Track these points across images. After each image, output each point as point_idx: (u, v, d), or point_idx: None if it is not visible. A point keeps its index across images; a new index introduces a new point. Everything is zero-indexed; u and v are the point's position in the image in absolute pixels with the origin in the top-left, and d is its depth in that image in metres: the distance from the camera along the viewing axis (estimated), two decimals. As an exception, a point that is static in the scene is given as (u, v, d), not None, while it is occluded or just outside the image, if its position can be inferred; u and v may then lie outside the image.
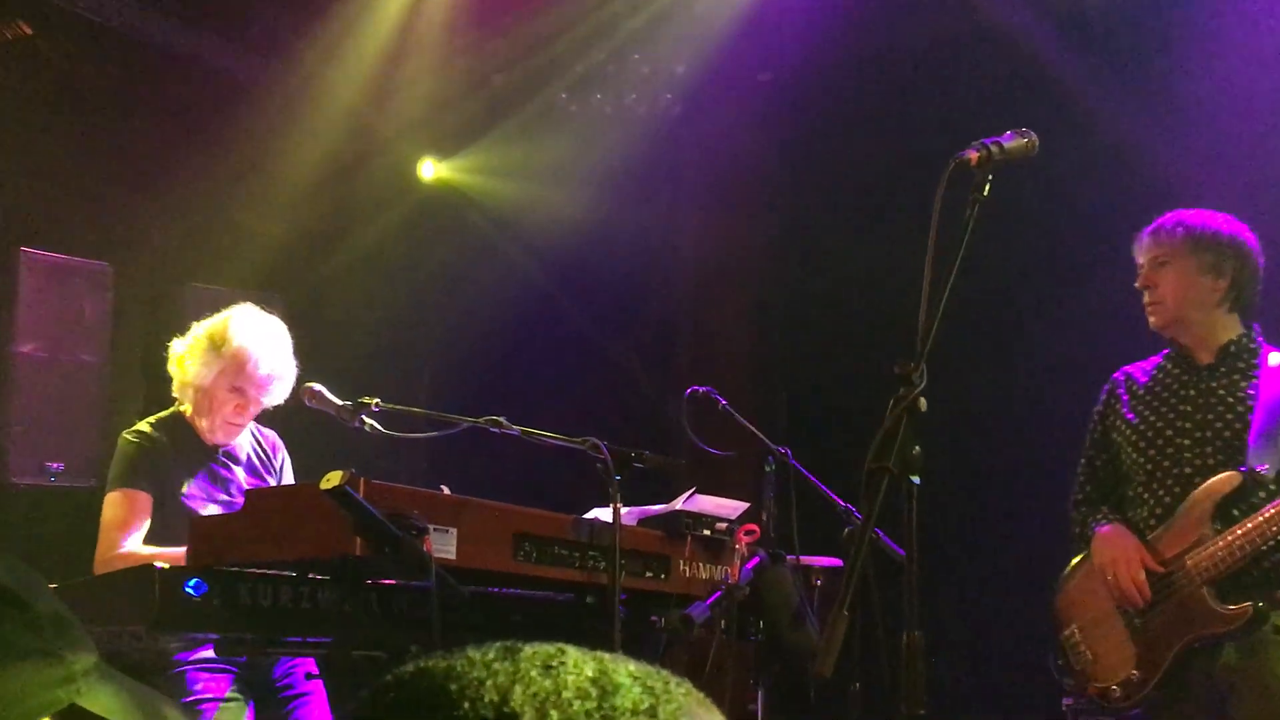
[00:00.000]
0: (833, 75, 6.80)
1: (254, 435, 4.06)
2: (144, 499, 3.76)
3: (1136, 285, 3.75)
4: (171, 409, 3.96)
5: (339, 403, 3.74)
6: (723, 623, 3.55)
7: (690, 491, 3.79)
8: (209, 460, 3.90)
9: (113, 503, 3.79)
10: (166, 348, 4.03)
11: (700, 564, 3.72)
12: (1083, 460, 3.90)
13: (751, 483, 4.25)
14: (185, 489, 3.80)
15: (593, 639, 0.84)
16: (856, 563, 2.18)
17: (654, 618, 3.67)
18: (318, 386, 3.85)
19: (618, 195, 7.14)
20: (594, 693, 0.75)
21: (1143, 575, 3.55)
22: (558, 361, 7.30)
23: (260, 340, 3.88)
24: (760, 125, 7.24)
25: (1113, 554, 3.61)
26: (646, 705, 0.75)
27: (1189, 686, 3.51)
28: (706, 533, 3.74)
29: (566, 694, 0.74)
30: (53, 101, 6.27)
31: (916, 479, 2.29)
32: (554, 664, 0.77)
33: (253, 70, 6.71)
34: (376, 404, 3.68)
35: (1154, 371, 3.81)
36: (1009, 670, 5.88)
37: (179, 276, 6.29)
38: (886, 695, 2.93)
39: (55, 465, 5.90)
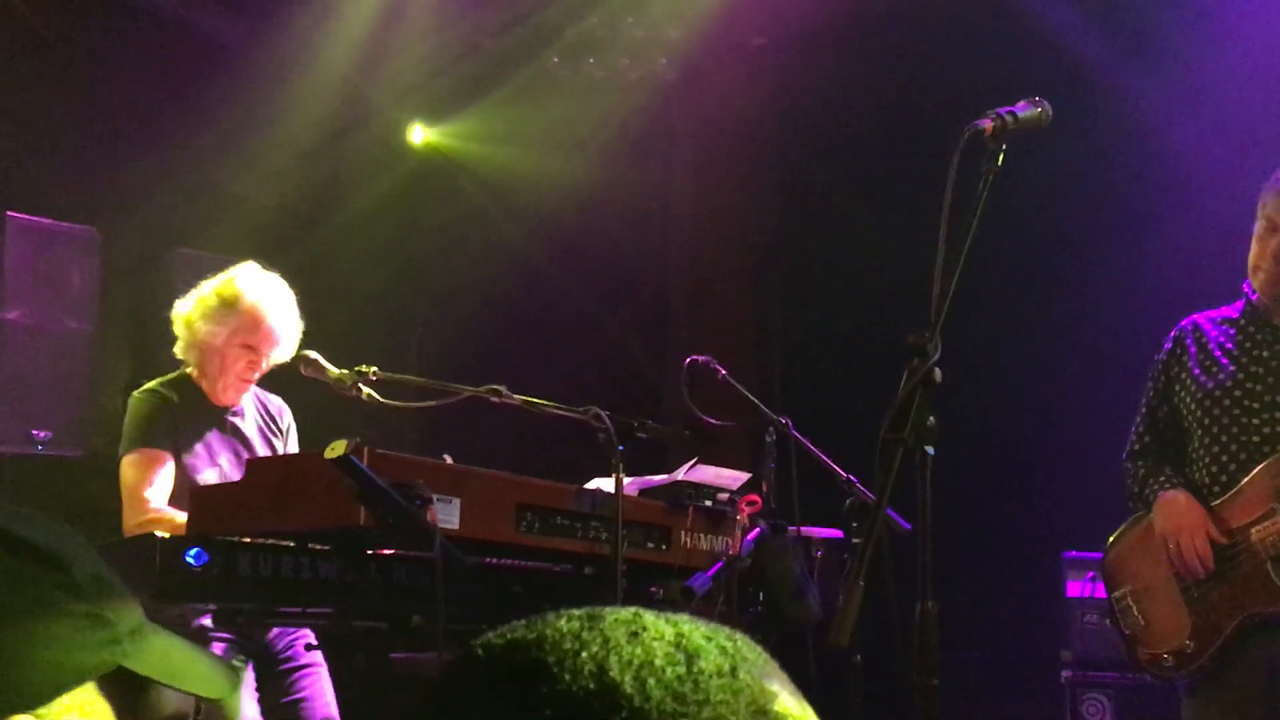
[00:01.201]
0: (829, 40, 6.75)
1: (259, 399, 4.03)
2: (164, 457, 3.72)
3: (1270, 249, 3.49)
4: (177, 372, 3.92)
5: (336, 371, 3.71)
6: (723, 594, 3.55)
7: (693, 462, 3.77)
8: (217, 423, 3.87)
9: (132, 464, 3.74)
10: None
11: (701, 535, 3.70)
12: (1143, 409, 3.75)
13: (751, 453, 4.23)
14: (195, 451, 3.77)
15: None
16: (872, 533, 2.16)
17: (654, 589, 3.66)
18: (314, 355, 3.81)
19: (612, 162, 7.10)
20: (680, 658, 0.76)
21: (1208, 547, 3.43)
22: (551, 331, 7.27)
23: (271, 297, 3.88)
24: (756, 91, 7.20)
25: (1177, 523, 3.48)
26: (728, 667, 0.77)
27: (1244, 660, 3.42)
28: (708, 503, 3.72)
29: (658, 661, 0.75)
30: (39, 65, 6.19)
31: (931, 450, 2.27)
32: (637, 630, 0.77)
33: (242, 34, 6.63)
34: (374, 373, 3.64)
35: (1225, 326, 3.64)
36: (1009, 642, 5.93)
37: (167, 242, 6.23)
38: (889, 666, 2.93)
39: (42, 434, 5.85)
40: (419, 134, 7.36)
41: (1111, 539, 3.76)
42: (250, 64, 6.52)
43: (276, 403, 4.11)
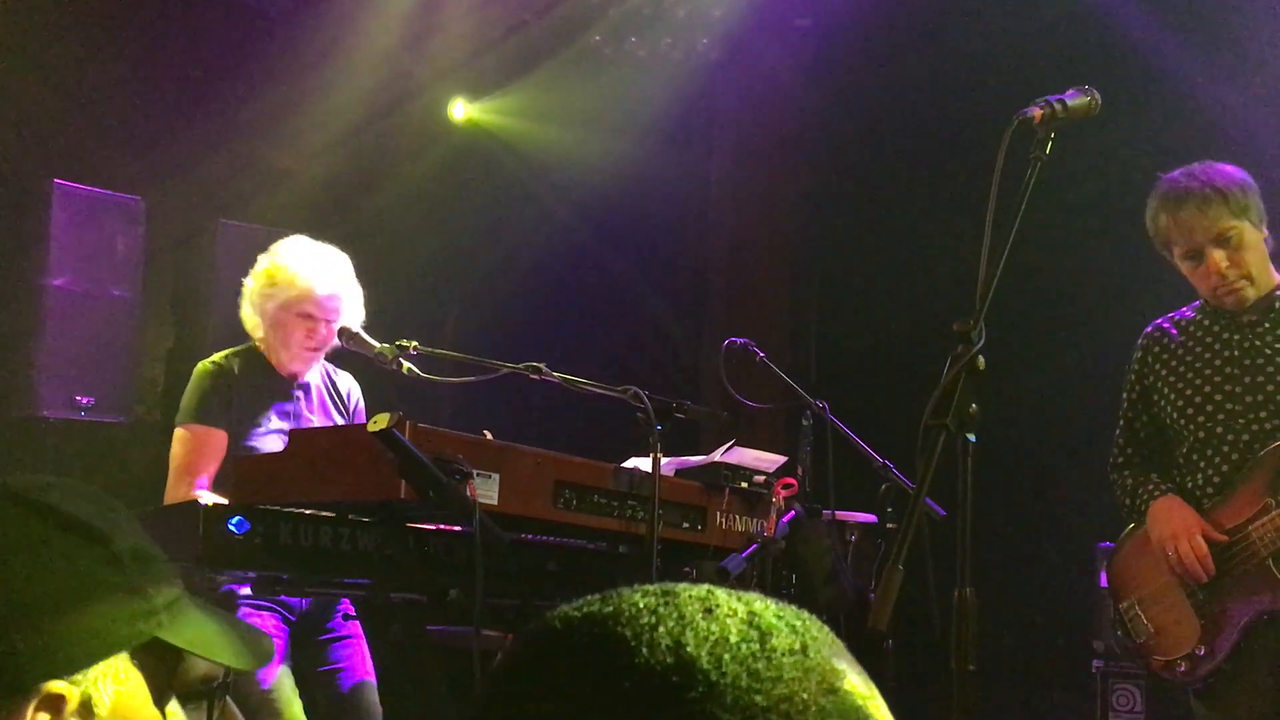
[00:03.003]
0: (874, 23, 6.71)
1: (327, 374, 4.05)
2: (217, 436, 3.74)
3: (1216, 271, 3.44)
4: (246, 344, 3.95)
5: (377, 345, 3.73)
6: (757, 576, 3.56)
7: (730, 443, 3.78)
8: (281, 394, 3.89)
9: (182, 440, 3.77)
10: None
11: (737, 516, 3.72)
12: (1121, 421, 3.74)
13: (787, 436, 4.24)
14: (255, 421, 3.79)
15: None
16: (912, 519, 2.16)
17: (688, 568, 3.68)
18: (355, 328, 3.85)
19: (653, 142, 7.09)
20: (754, 635, 0.77)
21: (1205, 549, 3.41)
22: (590, 309, 7.29)
23: (316, 264, 3.87)
24: (799, 72, 7.17)
25: (1172, 529, 3.46)
26: (799, 645, 0.78)
27: (1256, 658, 3.40)
28: (744, 485, 3.73)
29: (733, 638, 0.77)
30: (87, 35, 6.24)
31: (973, 437, 2.27)
32: (711, 606, 0.79)
33: (289, 9, 6.67)
34: (415, 347, 3.66)
35: (1188, 327, 3.61)
36: (1042, 631, 5.92)
37: (212, 213, 6.28)
38: (921, 651, 2.94)
39: (85, 400, 5.92)
40: (460, 110, 7.37)
41: (1112, 552, 3.75)
42: (296, 39, 6.56)
43: (346, 379, 4.11)
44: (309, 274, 3.84)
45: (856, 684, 0.79)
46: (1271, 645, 3.40)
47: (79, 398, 5.89)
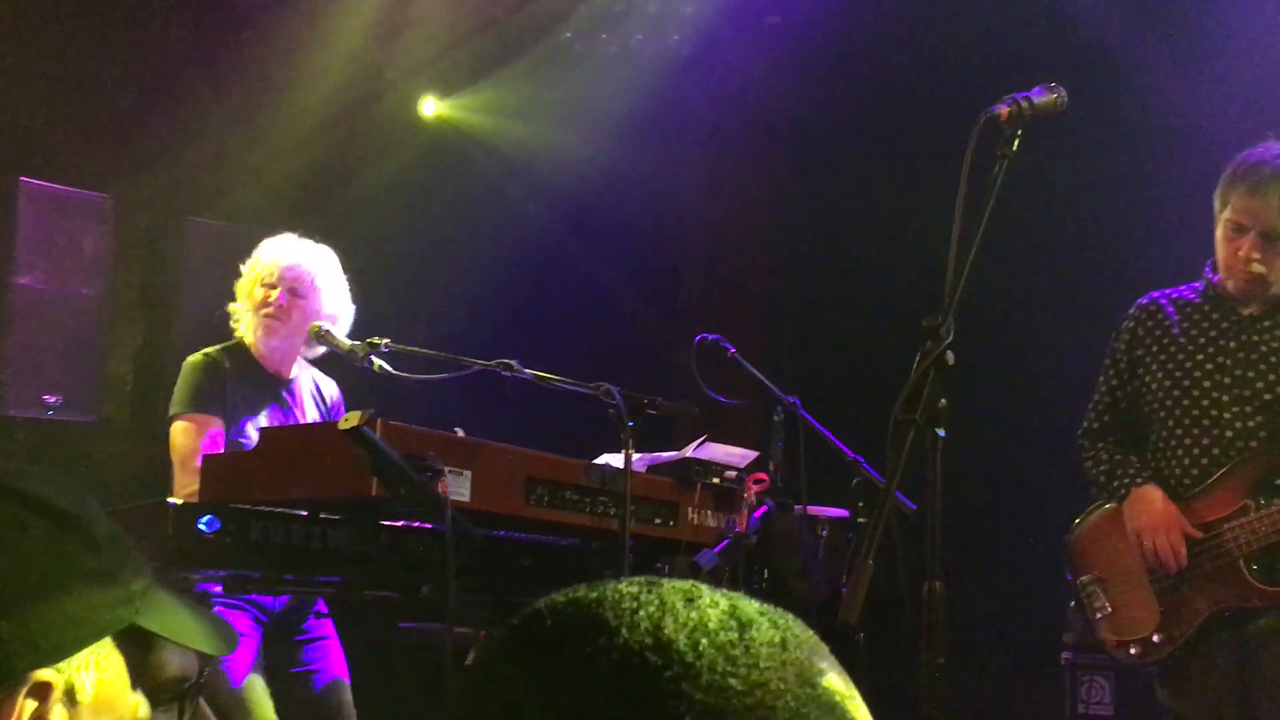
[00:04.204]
0: (843, 19, 6.74)
1: (315, 379, 4.06)
2: (215, 422, 3.72)
3: (1239, 250, 3.43)
4: (234, 340, 3.95)
5: (347, 343, 3.73)
6: (729, 571, 3.57)
7: (701, 439, 3.79)
8: (270, 390, 3.89)
9: (183, 431, 3.74)
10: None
11: (708, 512, 3.73)
12: (1102, 388, 3.71)
13: (759, 432, 4.25)
14: (247, 421, 3.78)
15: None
16: (883, 513, 2.18)
17: (659, 564, 3.68)
18: (325, 325, 3.84)
19: (625, 138, 7.09)
20: (734, 624, 0.79)
21: (1183, 544, 3.43)
22: (562, 305, 7.28)
23: (281, 241, 3.95)
24: (770, 68, 7.19)
25: (1151, 521, 3.47)
26: (779, 639, 0.80)
27: (1215, 648, 3.44)
28: (716, 481, 3.74)
29: (712, 625, 0.79)
30: (54, 31, 6.19)
31: (942, 432, 2.29)
32: (693, 597, 0.81)
33: (258, 6, 6.63)
34: (386, 344, 3.65)
35: (1185, 308, 3.60)
36: (1012, 623, 5.96)
37: (180, 211, 6.25)
38: (892, 644, 2.95)
39: (53, 398, 5.89)
40: (430, 106, 7.35)
41: (1076, 523, 3.73)
42: (265, 35, 6.53)
43: (331, 384, 4.13)
44: (277, 249, 3.91)
45: (836, 683, 0.81)
46: (1234, 640, 3.43)
47: (46, 396, 5.85)
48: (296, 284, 3.86)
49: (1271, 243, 3.42)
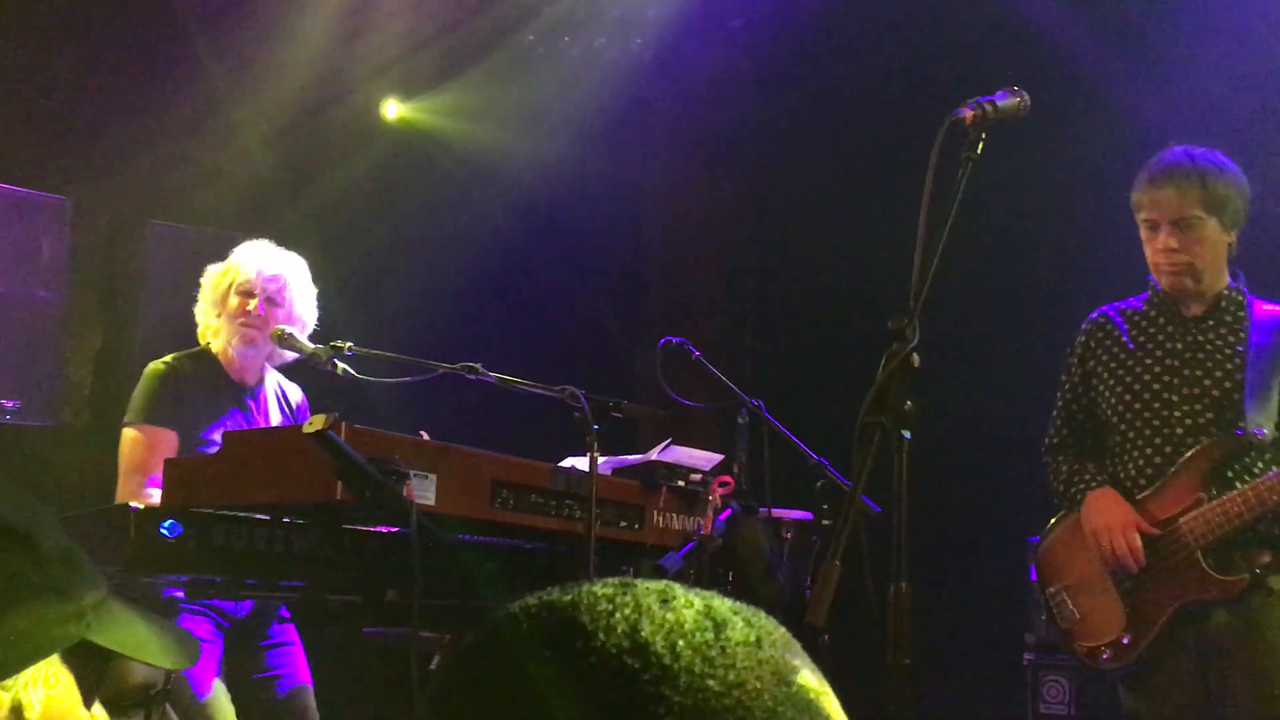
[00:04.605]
0: (806, 24, 6.77)
1: (280, 385, 4.03)
2: (167, 436, 3.69)
3: (1158, 245, 3.54)
4: (199, 347, 3.92)
5: (310, 346, 3.71)
6: (694, 573, 3.58)
7: (666, 442, 3.79)
8: (234, 397, 3.86)
9: (133, 441, 3.72)
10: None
11: (674, 514, 3.73)
12: (1059, 403, 3.81)
13: (723, 435, 4.26)
14: (209, 429, 3.75)
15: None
16: (849, 515, 2.19)
17: (625, 567, 3.68)
18: (289, 328, 3.82)
19: (588, 141, 7.09)
20: (709, 625, 0.79)
21: (1139, 542, 3.49)
22: (526, 308, 7.27)
23: (257, 248, 3.93)
24: (733, 72, 7.21)
25: (1107, 520, 3.54)
26: (754, 638, 0.80)
27: (1179, 647, 3.50)
28: (681, 484, 3.74)
29: (688, 626, 0.79)
30: (11, 32, 6.13)
31: (908, 433, 2.30)
32: (668, 598, 0.81)
33: (219, 6, 6.59)
34: (350, 347, 3.64)
35: (1135, 318, 3.70)
36: (974, 624, 5.99)
37: (140, 213, 6.20)
38: (856, 646, 2.96)
39: (11, 403, 5.82)
40: (392, 109, 7.33)
41: (1042, 536, 3.81)
42: (226, 36, 6.48)
43: (297, 391, 4.11)
44: (253, 256, 3.89)
45: (810, 680, 0.81)
46: (1194, 634, 3.48)
47: (5, 401, 5.79)
48: (276, 293, 3.84)
49: (1185, 230, 3.51)
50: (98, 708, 1.34)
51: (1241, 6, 5.70)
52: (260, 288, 3.83)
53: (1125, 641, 3.54)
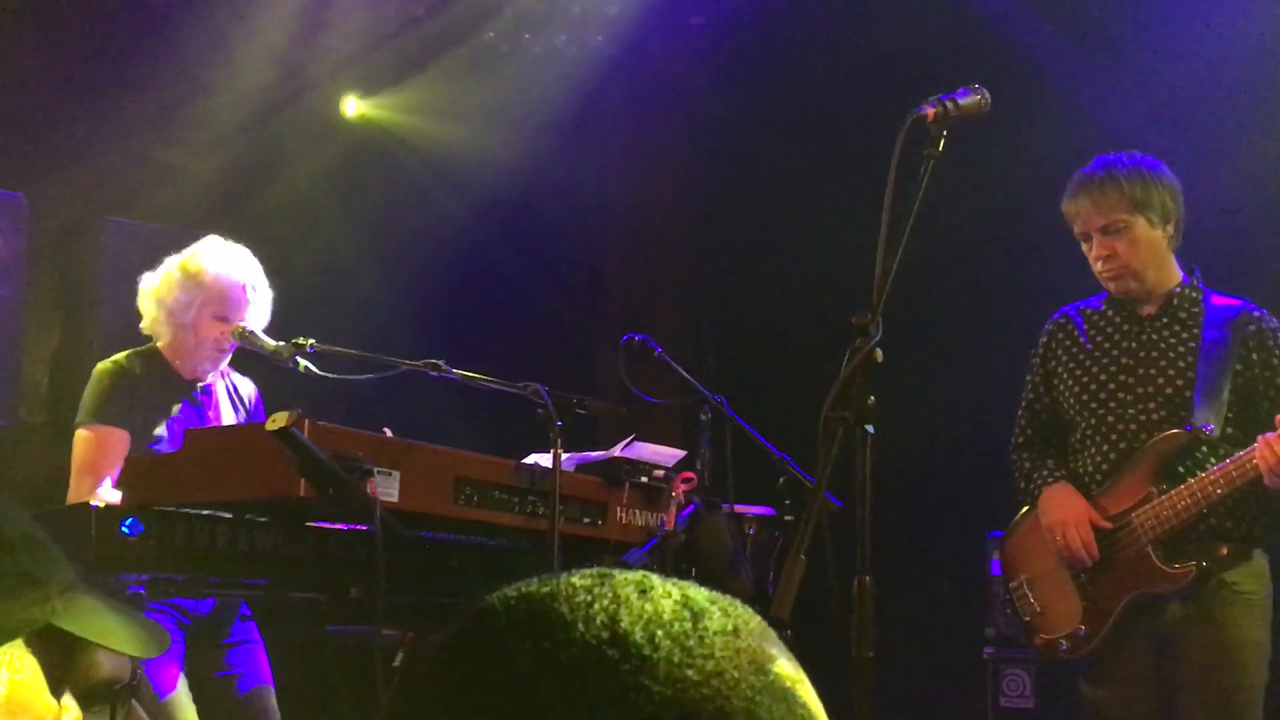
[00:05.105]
0: (767, 20, 6.79)
1: (230, 378, 4.01)
2: (119, 436, 3.66)
3: (1093, 255, 3.66)
4: (147, 345, 3.88)
5: (272, 343, 3.69)
6: (657, 570, 3.58)
7: (629, 438, 3.80)
8: (185, 396, 3.84)
9: (84, 441, 3.69)
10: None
11: (637, 511, 3.74)
12: (1024, 403, 3.88)
13: (686, 431, 4.27)
14: (161, 427, 3.72)
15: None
16: (813, 509, 2.21)
17: (588, 564, 3.67)
18: (249, 326, 3.80)
19: (549, 138, 7.08)
20: (687, 615, 0.80)
21: (1091, 536, 3.56)
22: (488, 306, 7.26)
23: (238, 267, 3.85)
24: (694, 69, 7.23)
25: (1061, 515, 3.61)
26: (731, 627, 0.80)
27: (1133, 639, 3.58)
28: (644, 480, 3.76)
29: (666, 616, 0.79)
30: (-36, 25, 6.05)
31: (871, 428, 2.32)
32: (646, 588, 0.81)
33: (177, 1, 6.53)
34: (312, 344, 3.63)
35: (1094, 318, 3.78)
36: (935, 618, 6.04)
37: (98, 209, 6.13)
38: (823, 642, 2.98)
39: (-35, 402, 5.75)
40: (352, 106, 7.29)
41: (1007, 531, 3.90)
42: (184, 31, 6.43)
43: (248, 384, 4.08)
44: (231, 277, 3.82)
45: (786, 668, 0.82)
46: (1148, 625, 3.55)
47: (-41, 400, 5.72)
48: (249, 317, 3.82)
49: (1114, 235, 3.61)
50: (68, 698, 1.33)
51: (1202, 4, 5.77)
52: (239, 313, 3.80)
53: (1081, 633, 3.61)
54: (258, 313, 3.87)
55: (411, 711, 0.82)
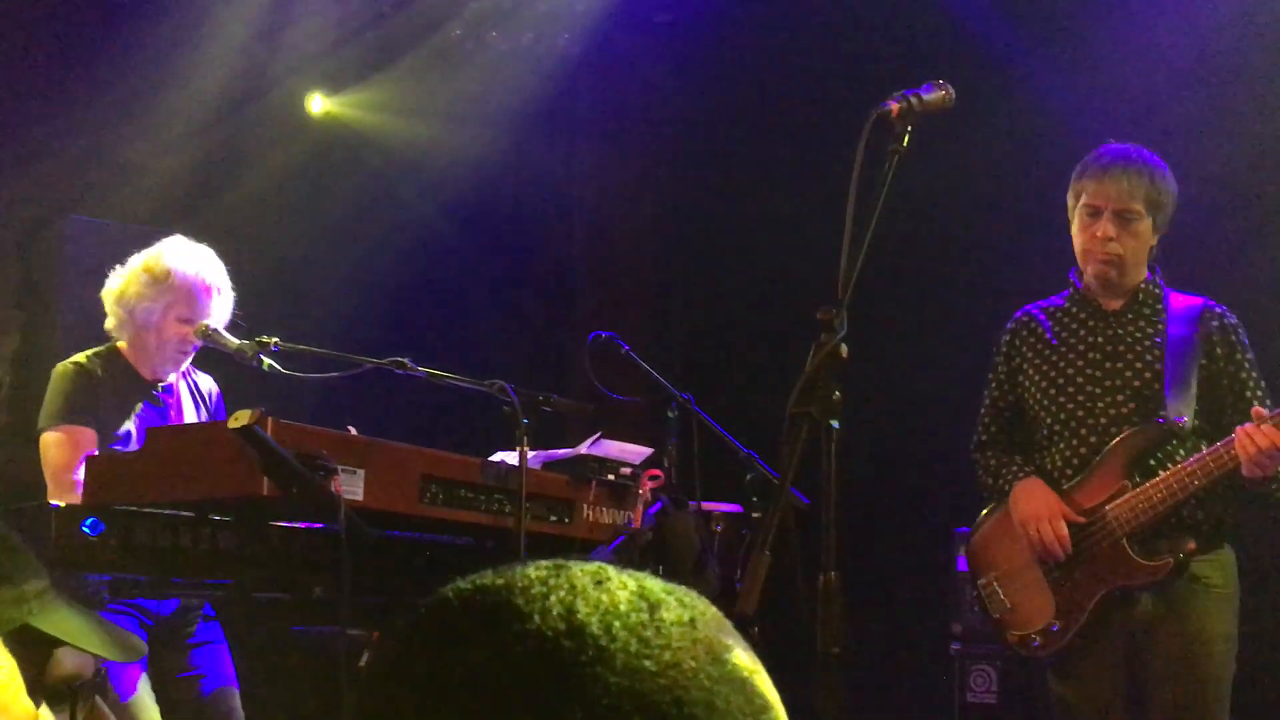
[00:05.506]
0: (733, 17, 6.80)
1: (189, 375, 3.98)
2: (88, 434, 3.63)
3: (1101, 235, 3.61)
4: (106, 345, 3.84)
5: (236, 341, 3.67)
6: (625, 567, 3.58)
7: (596, 436, 3.79)
8: (147, 397, 3.81)
9: (56, 443, 3.65)
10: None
11: (604, 508, 3.74)
12: (986, 400, 3.88)
13: (653, 428, 4.27)
14: (123, 427, 3.69)
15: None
16: (779, 504, 2.20)
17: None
18: (213, 324, 3.78)
19: (516, 136, 7.07)
20: (643, 606, 0.79)
21: (1065, 530, 3.56)
22: (456, 303, 7.23)
23: (204, 268, 3.83)
24: (660, 66, 7.22)
25: (1034, 509, 3.61)
26: (688, 618, 0.80)
27: (1105, 634, 3.58)
28: (611, 477, 3.75)
29: (622, 607, 0.79)
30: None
31: (836, 424, 2.32)
32: (602, 579, 0.81)
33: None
34: (276, 343, 3.60)
35: (1058, 315, 3.78)
36: (902, 614, 6.06)
37: (58, 207, 6.07)
38: (790, 638, 2.99)
39: (-76, 404, 5.68)
40: (318, 103, 7.25)
41: (973, 528, 3.90)
42: (146, 27, 6.37)
43: (207, 380, 4.07)
44: (198, 280, 3.79)
45: (743, 659, 0.82)
46: (1121, 619, 3.56)
47: (-83, 402, 5.65)
48: (212, 318, 3.80)
49: (1125, 224, 3.60)
50: (44, 709, 1.32)
51: (1166, 4, 5.81)
52: (201, 315, 3.77)
53: (1055, 628, 3.60)
54: (220, 312, 3.85)
55: (367, 708, 0.81)
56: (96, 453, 3.58)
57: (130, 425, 3.72)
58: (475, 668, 0.77)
